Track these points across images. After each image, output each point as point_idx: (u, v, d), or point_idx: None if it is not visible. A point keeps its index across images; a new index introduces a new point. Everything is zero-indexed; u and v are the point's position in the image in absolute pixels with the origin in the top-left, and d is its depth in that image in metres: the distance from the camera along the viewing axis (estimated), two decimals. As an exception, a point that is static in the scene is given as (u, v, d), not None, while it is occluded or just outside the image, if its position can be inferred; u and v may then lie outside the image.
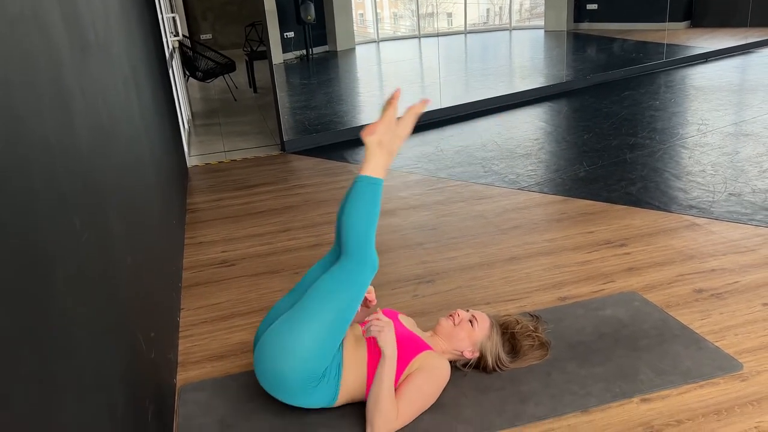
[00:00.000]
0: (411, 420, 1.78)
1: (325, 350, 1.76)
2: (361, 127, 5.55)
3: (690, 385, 1.89)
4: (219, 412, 1.93)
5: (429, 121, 5.60)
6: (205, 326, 2.45)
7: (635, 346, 2.10)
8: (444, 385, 1.86)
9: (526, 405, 1.86)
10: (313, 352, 1.74)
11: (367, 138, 1.82)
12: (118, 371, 1.35)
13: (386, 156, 1.84)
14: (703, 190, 3.44)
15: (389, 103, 1.84)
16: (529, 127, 5.19)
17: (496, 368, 2.00)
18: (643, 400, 1.84)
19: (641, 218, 3.13)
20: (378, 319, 1.79)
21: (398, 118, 1.87)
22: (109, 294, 1.38)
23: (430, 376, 1.82)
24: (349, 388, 1.83)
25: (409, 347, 1.87)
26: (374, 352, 1.85)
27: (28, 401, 0.83)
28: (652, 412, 1.79)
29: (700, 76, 6.66)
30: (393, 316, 2.04)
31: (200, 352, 2.28)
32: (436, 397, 1.85)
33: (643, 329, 2.19)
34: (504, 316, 2.11)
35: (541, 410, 1.83)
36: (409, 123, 1.89)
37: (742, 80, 6.40)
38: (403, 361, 1.84)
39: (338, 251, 1.90)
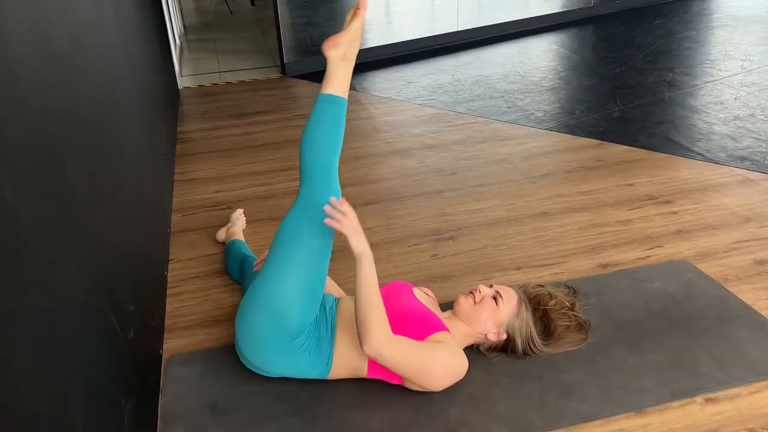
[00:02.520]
0: (405, 360, 1.50)
1: (304, 303, 1.56)
2: (368, 50, 5.08)
3: (762, 382, 1.62)
4: (210, 393, 1.66)
5: (443, 45, 5.13)
6: (196, 282, 2.16)
7: (691, 329, 1.82)
8: (455, 380, 1.58)
9: (569, 400, 1.59)
10: (292, 306, 1.54)
11: (331, 52, 1.60)
12: (81, 367, 1.05)
13: (349, 70, 1.65)
14: (755, 138, 3.08)
15: (356, 12, 1.63)
16: (554, 56, 4.74)
17: (528, 352, 1.72)
18: (708, 401, 1.58)
19: (687, 170, 2.79)
20: (334, 208, 1.53)
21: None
22: (69, 267, 1.06)
23: (448, 359, 1.54)
24: (344, 355, 1.59)
25: (423, 324, 1.59)
26: None
27: None
28: (720, 416, 1.53)
29: (737, 4, 6.11)
30: (407, 290, 1.74)
31: (191, 315, 1.99)
32: (442, 384, 1.57)
33: (698, 308, 1.91)
34: (535, 287, 1.81)
35: (588, 408, 1.57)
36: (360, 27, 1.65)
37: (784, 11, 5.88)
38: (415, 339, 1.56)
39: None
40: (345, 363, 1.61)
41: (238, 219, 2.41)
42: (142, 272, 1.76)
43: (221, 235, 2.37)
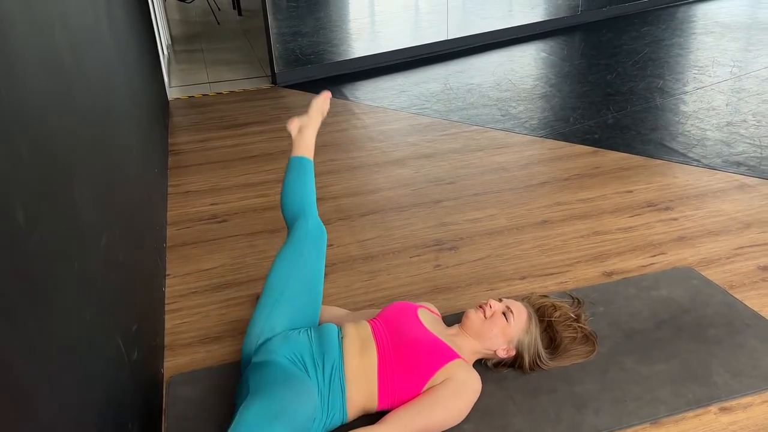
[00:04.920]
0: (423, 428, 1.46)
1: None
2: (358, 59, 5.06)
3: (775, 391, 1.61)
4: (215, 414, 1.61)
5: (433, 54, 5.13)
6: (194, 298, 2.11)
7: (702, 338, 1.80)
8: (473, 403, 1.54)
9: (583, 413, 1.57)
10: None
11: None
12: (91, 394, 1.01)
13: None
14: (749, 143, 3.10)
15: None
16: (544, 64, 4.76)
17: (534, 367, 1.69)
18: (722, 410, 1.56)
19: (684, 176, 2.80)
20: None
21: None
22: (77, 288, 1.02)
23: (457, 391, 1.49)
24: (356, 403, 1.52)
25: (435, 356, 1.53)
26: (385, 356, 1.54)
27: None
28: (735, 426, 1.51)
29: (723, 11, 6.19)
30: (412, 315, 1.67)
31: (191, 332, 1.94)
32: (463, 416, 1.53)
33: (707, 316, 1.90)
34: (539, 298, 1.78)
35: (604, 420, 1.54)
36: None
37: None
38: (425, 373, 1.51)
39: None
40: (357, 409, 1.54)
41: (322, 107, 1.93)
42: (142, 290, 1.71)
43: (294, 127, 1.86)
